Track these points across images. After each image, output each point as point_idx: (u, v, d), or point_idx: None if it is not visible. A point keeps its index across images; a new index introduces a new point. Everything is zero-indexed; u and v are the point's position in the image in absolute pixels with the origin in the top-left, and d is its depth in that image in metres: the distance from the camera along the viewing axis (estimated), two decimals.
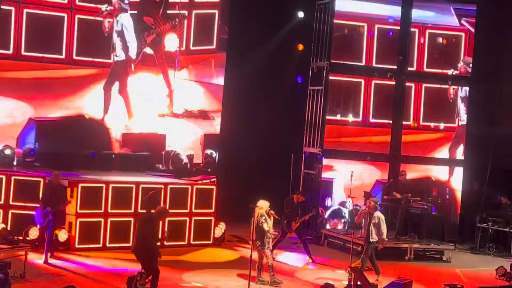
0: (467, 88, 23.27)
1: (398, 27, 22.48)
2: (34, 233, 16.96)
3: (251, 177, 22.87)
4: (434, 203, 21.29)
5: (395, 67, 22.29)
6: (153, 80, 23.11)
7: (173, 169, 22.58)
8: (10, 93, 21.17)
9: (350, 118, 23.55)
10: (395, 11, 22.65)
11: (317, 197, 21.56)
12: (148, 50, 23.10)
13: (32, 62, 21.48)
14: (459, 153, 23.45)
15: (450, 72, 23.53)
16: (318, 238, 20.83)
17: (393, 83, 22.43)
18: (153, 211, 14.26)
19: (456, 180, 23.32)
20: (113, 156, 21.88)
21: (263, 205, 15.66)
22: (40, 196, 17.01)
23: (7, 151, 20.42)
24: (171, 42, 23.13)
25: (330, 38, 21.71)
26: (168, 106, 23.20)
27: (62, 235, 17.21)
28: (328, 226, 21.07)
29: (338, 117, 23.49)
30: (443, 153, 23.74)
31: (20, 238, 16.15)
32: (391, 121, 22.57)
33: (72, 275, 15.13)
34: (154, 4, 23.20)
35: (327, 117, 22.12)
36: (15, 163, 20.46)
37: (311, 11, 22.55)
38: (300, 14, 23.64)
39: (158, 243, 13.80)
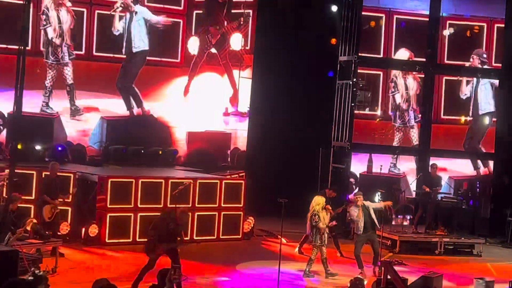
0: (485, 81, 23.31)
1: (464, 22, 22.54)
2: (64, 228, 17.11)
3: (280, 171, 22.87)
4: (464, 197, 21.16)
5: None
6: (218, 80, 23.32)
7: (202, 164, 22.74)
8: (83, 92, 21.57)
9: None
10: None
11: (346, 191, 21.47)
12: (212, 50, 23.41)
13: (103, 62, 21.86)
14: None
15: (468, 64, 23.48)
16: (347, 232, 20.76)
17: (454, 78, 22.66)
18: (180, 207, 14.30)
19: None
20: (142, 151, 21.98)
21: (319, 201, 15.82)
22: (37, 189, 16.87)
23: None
24: (236, 42, 23.28)
25: (358, 32, 21.60)
26: (233, 105, 23.30)
27: (92, 230, 17.37)
28: (393, 223, 20.82)
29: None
30: None
31: (51, 233, 16.27)
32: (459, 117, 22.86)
33: (103, 269, 15.25)
34: (218, 4, 23.31)
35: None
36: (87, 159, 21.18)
37: (340, 5, 22.48)
38: (334, 8, 23.39)
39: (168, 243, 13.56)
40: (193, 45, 23.33)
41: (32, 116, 21.02)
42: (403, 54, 23.57)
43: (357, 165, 23.29)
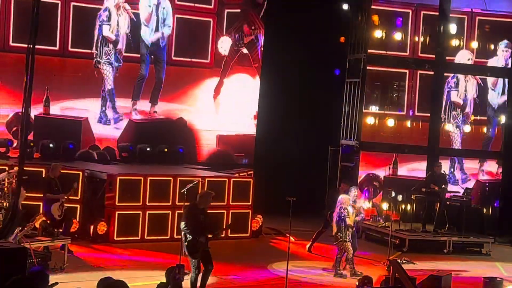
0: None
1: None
2: (73, 225, 17.12)
3: (288, 169, 22.84)
4: (473, 195, 21.11)
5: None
6: (249, 81, 23.03)
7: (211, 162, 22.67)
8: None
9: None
10: None
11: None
12: (244, 50, 22.97)
13: (129, 63, 21.76)
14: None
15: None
16: (355, 231, 20.72)
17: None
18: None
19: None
20: (148, 149, 21.71)
21: (346, 200, 15.90)
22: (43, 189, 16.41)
23: None
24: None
25: (368, 30, 21.54)
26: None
27: (101, 228, 17.40)
28: None
29: None
30: None
31: (60, 230, 16.28)
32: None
33: (111, 267, 15.27)
34: (255, 5, 22.93)
35: None
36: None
37: (350, 2, 22.42)
38: (345, 6, 23.18)
39: (204, 236, 13.16)
40: (224, 45, 22.76)
41: (59, 119, 20.83)
42: (464, 55, 23.35)
43: (381, 168, 23.18)
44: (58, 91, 20.90)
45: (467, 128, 23.71)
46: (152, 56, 22.17)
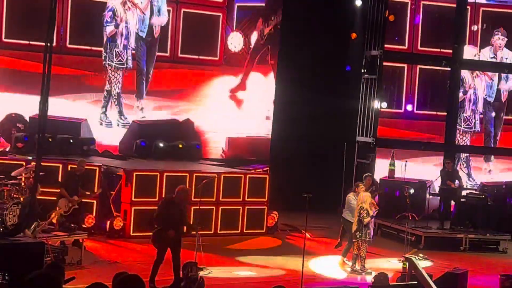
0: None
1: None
2: (90, 220, 17.18)
3: (304, 166, 22.79)
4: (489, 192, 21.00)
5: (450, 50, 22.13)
6: (261, 80, 22.48)
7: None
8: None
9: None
10: None
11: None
12: (263, 47, 22.33)
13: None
14: None
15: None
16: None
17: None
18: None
19: None
20: (161, 145, 21.45)
21: (366, 199, 15.85)
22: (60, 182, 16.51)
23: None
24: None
25: (384, 26, 21.46)
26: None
27: (117, 223, 17.46)
28: None
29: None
30: None
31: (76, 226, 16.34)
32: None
33: (127, 263, 15.31)
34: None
35: None
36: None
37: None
38: (358, 3, 22.99)
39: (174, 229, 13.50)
40: (234, 41, 21.73)
41: (57, 120, 19.58)
42: (470, 51, 23.21)
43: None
44: (56, 91, 19.75)
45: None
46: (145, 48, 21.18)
